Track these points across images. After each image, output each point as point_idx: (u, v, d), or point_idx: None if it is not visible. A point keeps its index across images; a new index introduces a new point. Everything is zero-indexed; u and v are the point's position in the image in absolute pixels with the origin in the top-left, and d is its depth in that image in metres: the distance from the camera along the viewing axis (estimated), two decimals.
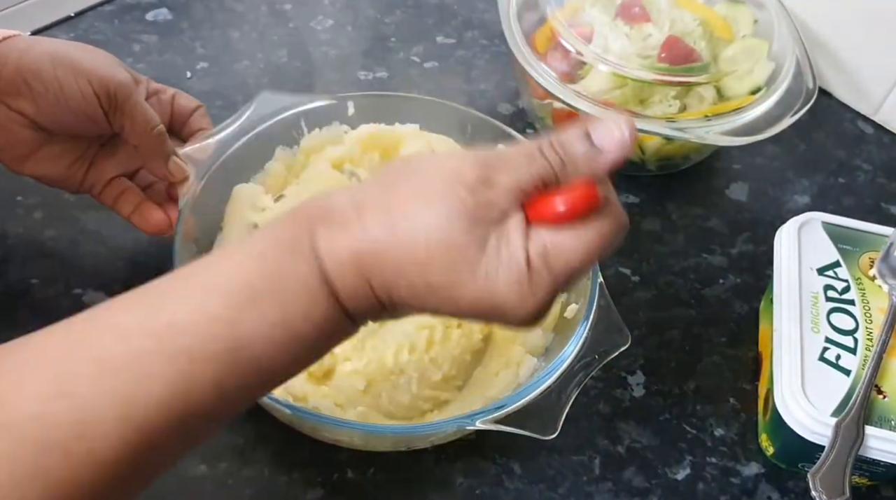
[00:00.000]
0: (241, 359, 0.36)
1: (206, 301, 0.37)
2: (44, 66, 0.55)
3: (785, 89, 0.71)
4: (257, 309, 0.37)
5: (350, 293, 0.39)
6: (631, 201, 0.76)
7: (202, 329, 0.36)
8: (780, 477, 0.60)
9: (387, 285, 0.39)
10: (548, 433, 0.51)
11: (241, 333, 0.36)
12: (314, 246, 0.38)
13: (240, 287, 0.37)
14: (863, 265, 0.63)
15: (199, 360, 0.36)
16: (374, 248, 0.38)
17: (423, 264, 0.38)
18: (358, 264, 0.38)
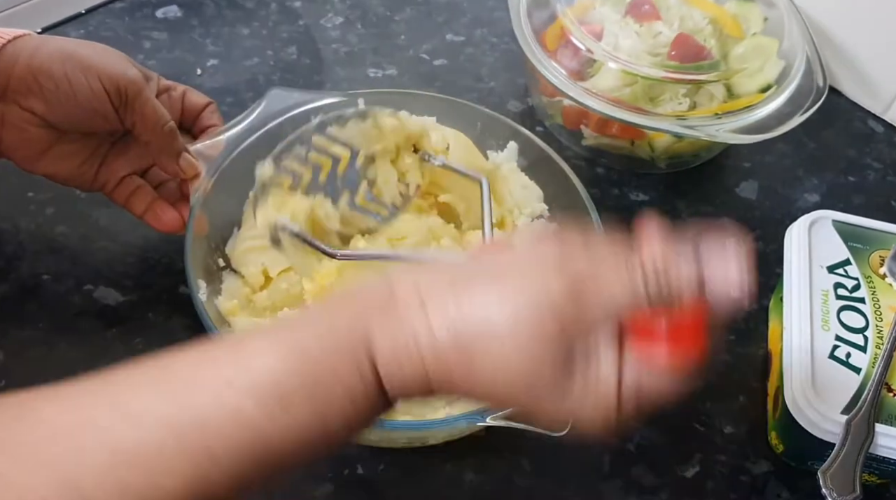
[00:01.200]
0: (266, 461, 0.34)
1: (234, 401, 0.34)
2: (54, 64, 0.55)
3: (795, 87, 0.71)
4: (292, 414, 0.34)
5: (402, 385, 0.36)
6: (641, 199, 0.76)
7: (229, 432, 0.33)
8: (790, 475, 0.60)
9: (447, 388, 0.36)
10: (557, 430, 0.51)
11: (270, 438, 0.34)
12: (370, 349, 0.35)
13: (274, 388, 0.34)
14: (873, 263, 0.63)
15: (222, 461, 0.33)
16: (442, 359, 0.35)
17: (492, 384, 0.35)
18: (422, 370, 0.35)
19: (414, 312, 0.36)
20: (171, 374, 0.35)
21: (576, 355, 0.35)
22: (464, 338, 0.35)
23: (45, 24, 0.83)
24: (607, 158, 0.77)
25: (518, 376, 0.35)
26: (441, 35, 0.88)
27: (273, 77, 0.81)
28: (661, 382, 0.36)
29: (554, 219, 0.66)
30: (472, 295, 0.36)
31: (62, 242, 0.67)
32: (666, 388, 0.36)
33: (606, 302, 0.35)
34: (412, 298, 0.36)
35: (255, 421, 0.33)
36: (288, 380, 0.34)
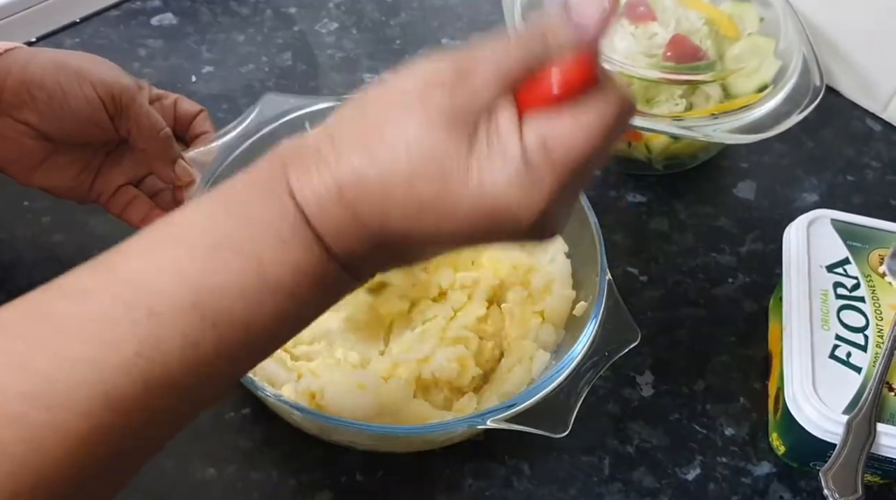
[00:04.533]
0: (210, 313, 0.33)
1: (168, 254, 0.34)
2: (47, 75, 0.55)
3: (792, 87, 0.71)
4: (221, 258, 0.34)
5: (336, 232, 0.35)
6: (638, 201, 0.75)
7: (163, 285, 0.33)
8: (792, 476, 0.59)
9: (377, 215, 0.35)
10: (558, 432, 0.51)
11: (205, 284, 0.33)
12: (288, 186, 0.35)
13: (203, 236, 0.34)
14: (872, 262, 0.63)
15: (162, 315, 0.33)
16: (355, 175, 0.35)
17: (408, 179, 0.34)
18: (340, 196, 0.35)
19: (324, 147, 0.36)
20: (118, 247, 0.35)
21: (477, 128, 0.35)
22: (374, 150, 0.35)
23: (40, 34, 0.83)
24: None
25: (421, 157, 0.34)
26: (436, 39, 0.88)
27: (268, 83, 0.81)
28: (563, 126, 0.35)
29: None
30: (371, 114, 0.36)
31: (59, 251, 0.67)
32: (569, 132, 0.35)
33: (491, 65, 0.35)
34: (322, 141, 0.36)
35: (188, 267, 0.34)
36: (215, 227, 0.35)
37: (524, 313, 0.60)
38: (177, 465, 0.56)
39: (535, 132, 0.35)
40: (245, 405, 0.59)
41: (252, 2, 0.89)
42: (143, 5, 0.87)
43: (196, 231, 0.35)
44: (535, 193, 0.35)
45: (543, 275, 0.61)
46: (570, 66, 0.35)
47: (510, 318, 0.60)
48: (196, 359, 0.33)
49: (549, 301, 0.60)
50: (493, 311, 0.61)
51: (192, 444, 0.57)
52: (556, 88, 0.35)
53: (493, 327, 0.60)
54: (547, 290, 0.61)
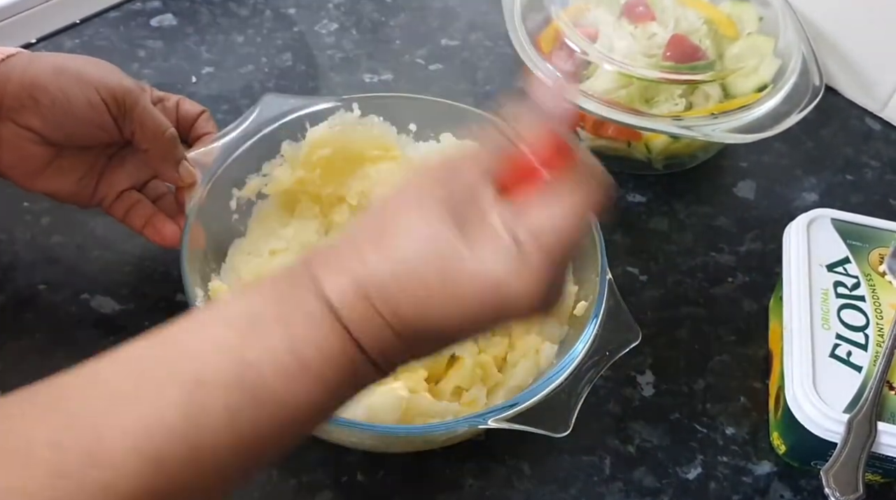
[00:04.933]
0: (251, 388, 0.36)
1: (212, 331, 0.37)
2: (48, 79, 0.55)
3: (791, 86, 0.71)
4: (263, 337, 0.36)
5: (361, 325, 0.38)
6: (638, 201, 0.75)
7: (209, 357, 0.36)
8: (793, 476, 0.59)
9: (393, 307, 0.38)
10: (560, 431, 0.51)
11: (247, 359, 0.36)
12: (315, 278, 0.38)
13: (244, 317, 0.37)
14: (872, 261, 0.63)
15: (209, 386, 0.35)
16: (372, 271, 0.38)
17: (413, 268, 0.38)
18: (362, 291, 0.38)
19: (346, 249, 0.39)
20: (163, 327, 0.37)
21: (466, 214, 0.38)
22: (388, 248, 0.38)
23: (40, 35, 0.83)
24: (604, 159, 0.75)
25: (423, 249, 0.38)
26: (436, 40, 0.88)
27: (268, 84, 0.81)
28: (548, 209, 0.38)
29: None
30: (384, 219, 0.40)
31: (58, 252, 0.67)
32: (554, 214, 0.38)
33: (474, 160, 0.40)
34: (344, 246, 0.39)
35: (232, 343, 0.36)
36: (255, 309, 0.37)
37: None
38: None
39: (522, 217, 0.38)
40: None
41: (251, 3, 0.89)
42: (142, 6, 0.87)
43: (236, 313, 0.37)
44: (531, 272, 0.38)
45: None
46: (544, 142, 0.39)
47: None
48: (237, 430, 0.35)
49: None
50: None
51: None
52: (535, 164, 0.39)
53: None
54: None
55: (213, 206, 0.61)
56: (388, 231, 0.39)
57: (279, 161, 0.65)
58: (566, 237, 0.38)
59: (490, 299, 0.38)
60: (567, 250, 0.38)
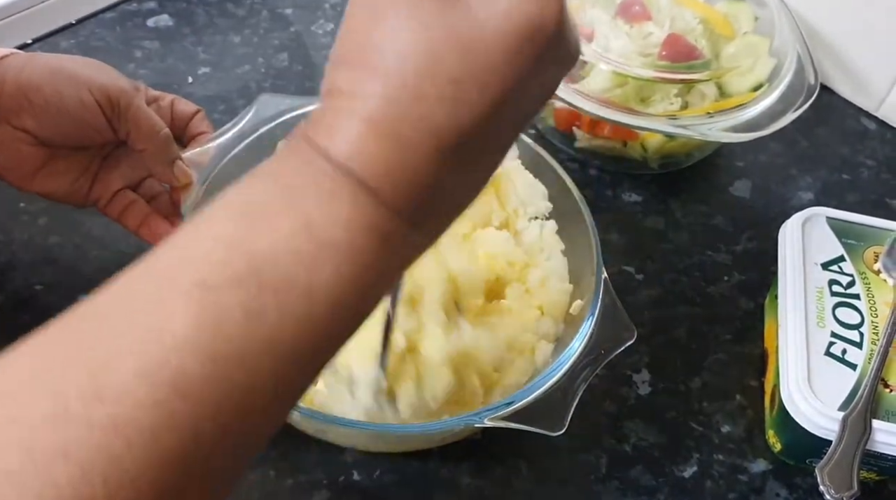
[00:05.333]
0: (268, 279, 0.30)
1: (211, 227, 0.31)
2: (43, 80, 0.55)
3: (787, 85, 0.71)
4: (269, 221, 0.31)
5: (385, 172, 0.31)
6: (634, 200, 0.76)
7: (212, 255, 0.30)
8: (788, 473, 0.59)
9: (422, 124, 0.31)
10: (556, 430, 0.51)
11: (257, 249, 0.30)
12: (318, 148, 0.32)
13: (244, 205, 0.32)
14: (867, 260, 0.63)
15: (217, 288, 0.29)
16: (378, 100, 0.31)
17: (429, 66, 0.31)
18: (375, 131, 0.31)
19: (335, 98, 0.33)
20: (160, 245, 0.32)
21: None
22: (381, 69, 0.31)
23: (36, 35, 0.83)
24: (600, 159, 0.77)
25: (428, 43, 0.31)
26: None
27: (265, 84, 0.81)
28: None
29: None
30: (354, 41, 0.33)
31: (56, 253, 0.67)
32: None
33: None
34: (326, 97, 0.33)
35: (236, 235, 0.31)
36: (254, 195, 0.32)
37: (523, 307, 0.60)
38: None
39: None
40: None
41: (248, 3, 0.89)
42: (139, 7, 0.87)
43: (235, 204, 0.32)
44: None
45: (540, 270, 0.61)
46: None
47: (509, 313, 0.60)
48: (262, 332, 0.30)
49: (547, 295, 0.60)
50: (492, 306, 0.61)
51: None
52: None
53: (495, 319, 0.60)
54: (543, 285, 0.61)
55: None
56: (378, 49, 0.31)
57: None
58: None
59: (515, 40, 0.31)
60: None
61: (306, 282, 0.30)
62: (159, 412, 0.28)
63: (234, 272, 0.30)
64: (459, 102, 0.31)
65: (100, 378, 0.28)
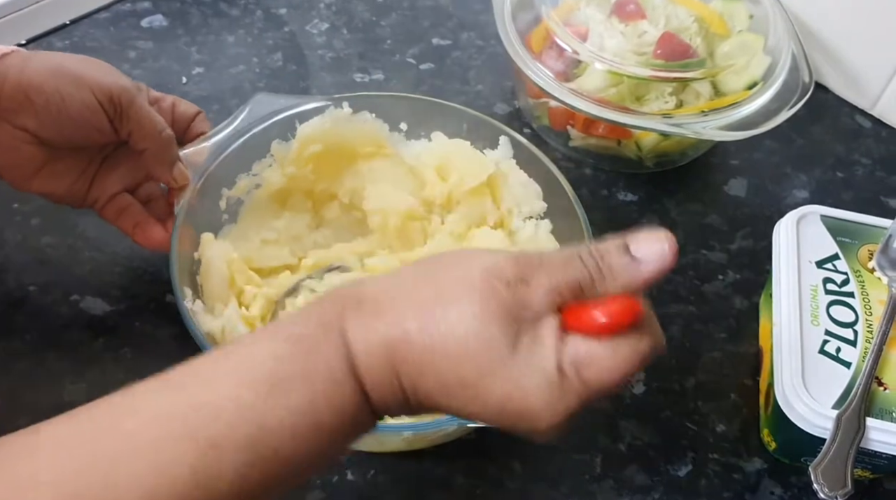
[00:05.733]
0: (264, 449, 0.35)
1: (233, 388, 0.36)
2: (44, 79, 0.55)
3: (781, 83, 0.71)
4: (285, 397, 0.36)
5: (376, 384, 0.37)
6: (629, 199, 0.75)
7: (229, 416, 0.35)
8: (783, 472, 0.59)
9: (414, 378, 0.37)
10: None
11: (266, 421, 0.35)
12: (343, 331, 0.37)
13: (268, 374, 0.36)
14: (862, 258, 0.63)
15: (224, 448, 0.34)
16: (408, 337, 0.37)
17: (456, 357, 0.37)
18: (388, 354, 0.37)
19: (384, 303, 0.38)
20: (178, 372, 0.37)
21: (523, 331, 0.37)
22: (429, 321, 0.37)
23: (31, 35, 0.83)
24: (595, 158, 0.77)
25: (472, 342, 0.36)
26: (427, 39, 0.88)
27: (259, 84, 0.81)
28: (601, 354, 0.37)
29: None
30: (434, 285, 0.38)
31: (49, 254, 0.67)
32: (605, 361, 0.37)
33: (549, 276, 0.38)
34: (382, 297, 0.38)
35: (254, 402, 0.35)
36: (280, 365, 0.36)
37: None
38: None
39: (574, 351, 0.37)
40: None
41: (242, 3, 0.89)
42: (132, 7, 0.87)
43: (259, 367, 0.36)
44: (559, 406, 0.37)
45: None
46: (621, 304, 0.37)
47: None
48: (242, 490, 0.35)
49: None
50: None
51: None
52: (603, 319, 0.37)
53: None
54: None
55: (203, 206, 0.61)
56: (441, 307, 0.37)
57: (269, 161, 0.66)
58: (607, 388, 0.37)
59: (513, 411, 0.37)
60: (604, 392, 0.38)
61: (290, 454, 0.36)
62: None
63: (240, 439, 0.35)
64: (447, 393, 0.37)
65: (111, 493, 0.32)
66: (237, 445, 0.34)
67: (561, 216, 0.63)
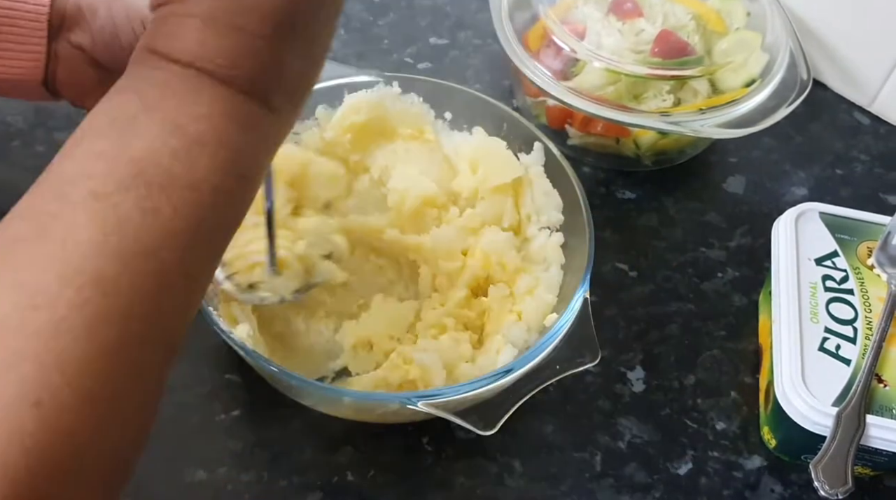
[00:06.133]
0: (154, 180, 0.33)
1: (86, 145, 0.34)
2: (100, 5, 0.57)
3: (779, 81, 0.71)
4: (138, 130, 0.34)
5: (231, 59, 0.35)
6: (627, 197, 0.75)
7: (96, 169, 0.33)
8: (783, 470, 0.59)
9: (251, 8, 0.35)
10: (485, 430, 0.50)
11: (135, 155, 0.33)
12: (159, 54, 0.35)
13: (111, 120, 0.34)
14: (861, 255, 0.63)
15: (108, 195, 0.32)
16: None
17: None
18: (212, 25, 0.35)
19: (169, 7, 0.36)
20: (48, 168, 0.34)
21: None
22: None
23: None
24: (593, 157, 0.77)
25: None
26: (425, 38, 0.88)
27: None
28: None
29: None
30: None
31: None
32: None
33: None
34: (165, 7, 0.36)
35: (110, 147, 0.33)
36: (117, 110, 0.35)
37: (502, 309, 0.60)
38: (167, 467, 0.56)
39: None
40: (235, 407, 0.59)
41: None
42: None
43: (100, 122, 0.35)
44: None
45: (531, 279, 0.61)
46: None
47: (488, 312, 0.60)
48: (160, 225, 0.33)
49: (530, 302, 0.60)
50: (477, 301, 0.61)
51: (181, 446, 0.57)
52: None
53: (475, 313, 0.61)
54: (529, 292, 0.60)
55: None
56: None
57: (312, 124, 0.67)
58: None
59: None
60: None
61: (187, 175, 0.33)
62: (89, 310, 0.30)
63: (120, 179, 0.32)
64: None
65: (29, 290, 0.30)
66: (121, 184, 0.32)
67: (572, 233, 0.63)
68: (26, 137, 0.74)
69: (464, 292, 0.61)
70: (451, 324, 0.59)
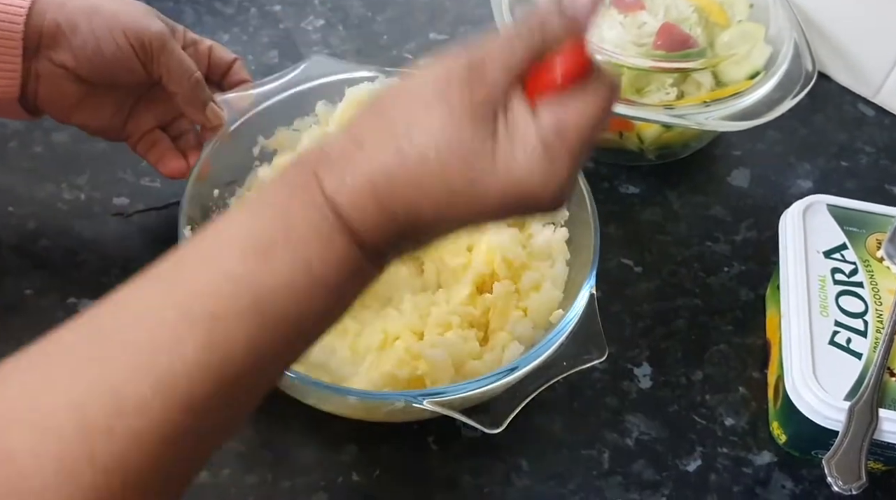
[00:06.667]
0: (267, 313, 0.36)
1: (222, 262, 0.36)
2: (80, 20, 0.57)
3: (784, 72, 0.70)
4: (273, 260, 0.36)
5: (368, 228, 0.38)
6: (631, 192, 0.75)
7: (222, 290, 0.35)
8: (794, 465, 0.59)
9: (410, 208, 0.38)
10: (492, 428, 0.50)
11: (260, 286, 0.36)
12: (320, 187, 0.38)
13: (252, 242, 0.36)
14: (870, 247, 0.62)
15: (225, 319, 0.35)
16: (387, 174, 0.37)
17: (439, 173, 0.37)
18: (373, 194, 0.37)
19: (352, 151, 0.38)
20: (168, 261, 0.37)
21: (496, 120, 0.38)
22: (402, 147, 0.37)
23: None
24: (596, 151, 0.76)
25: (450, 151, 0.37)
26: (424, 34, 0.87)
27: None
28: (571, 110, 0.38)
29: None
30: (393, 115, 0.38)
31: (45, 257, 0.66)
32: (577, 114, 0.38)
33: (500, 60, 0.38)
34: (347, 144, 0.39)
35: (243, 271, 0.36)
36: (262, 232, 0.37)
37: (507, 305, 0.59)
38: None
39: (549, 118, 0.38)
40: None
41: (236, 1, 0.88)
42: None
43: (243, 237, 0.37)
44: (555, 172, 0.38)
45: (537, 274, 0.60)
46: (569, 57, 0.39)
47: (493, 308, 0.59)
48: (258, 356, 0.36)
49: (536, 298, 0.59)
50: (482, 298, 0.60)
51: None
52: (560, 78, 0.38)
53: (480, 311, 0.60)
54: (535, 288, 0.60)
55: (235, 147, 0.64)
56: (406, 132, 0.38)
57: (312, 120, 0.67)
58: (588, 135, 0.38)
59: (513, 200, 0.38)
60: (588, 146, 0.39)
61: (297, 315, 0.37)
62: (171, 426, 0.33)
63: (241, 308, 0.35)
64: (444, 207, 0.38)
65: (121, 394, 0.33)
66: (238, 314, 0.35)
67: (577, 228, 0.62)
68: (23, 138, 0.73)
69: (468, 290, 0.60)
70: (456, 322, 0.58)
